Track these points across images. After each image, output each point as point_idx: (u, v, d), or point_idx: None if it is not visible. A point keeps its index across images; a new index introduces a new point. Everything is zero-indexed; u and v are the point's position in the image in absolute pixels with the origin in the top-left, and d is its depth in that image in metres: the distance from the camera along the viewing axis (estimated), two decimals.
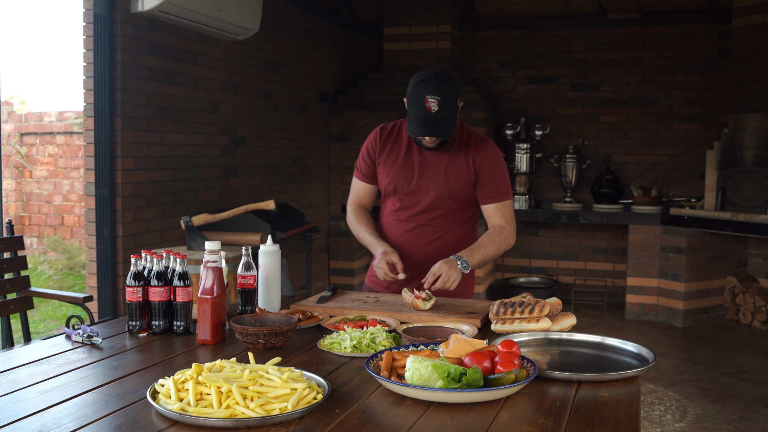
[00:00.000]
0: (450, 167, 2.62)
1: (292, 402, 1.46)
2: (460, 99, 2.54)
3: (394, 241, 2.73)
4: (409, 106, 2.49)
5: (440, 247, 2.67)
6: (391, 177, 2.68)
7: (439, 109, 2.42)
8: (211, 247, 2.05)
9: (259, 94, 5.61)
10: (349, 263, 6.89)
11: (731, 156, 6.00)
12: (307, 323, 2.21)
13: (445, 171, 2.62)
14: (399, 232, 2.73)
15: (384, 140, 2.71)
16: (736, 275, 6.34)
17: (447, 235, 2.70)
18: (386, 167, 2.70)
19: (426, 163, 2.65)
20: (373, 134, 2.75)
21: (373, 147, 2.73)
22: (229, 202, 5.16)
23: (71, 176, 8.15)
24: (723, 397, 4.43)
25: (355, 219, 2.79)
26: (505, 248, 2.66)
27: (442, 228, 2.69)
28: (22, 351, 1.97)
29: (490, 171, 2.63)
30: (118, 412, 1.51)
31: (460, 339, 1.72)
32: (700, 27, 6.85)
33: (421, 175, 2.64)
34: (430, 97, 2.42)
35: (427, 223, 2.69)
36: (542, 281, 7.24)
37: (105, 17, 4.06)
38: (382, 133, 2.73)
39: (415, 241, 2.69)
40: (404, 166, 2.66)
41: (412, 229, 2.70)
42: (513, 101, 7.35)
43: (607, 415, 1.52)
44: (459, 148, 2.64)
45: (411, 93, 2.47)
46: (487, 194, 2.65)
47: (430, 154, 2.65)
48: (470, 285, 2.77)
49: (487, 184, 2.64)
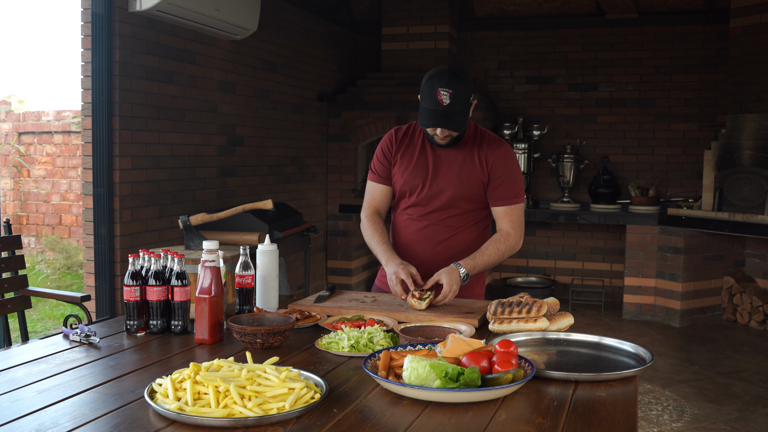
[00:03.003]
0: (464, 168, 2.61)
1: (289, 401, 1.46)
2: (474, 97, 2.54)
3: (404, 239, 2.72)
4: (422, 99, 2.48)
5: (451, 248, 2.65)
6: (406, 177, 2.67)
7: (450, 102, 2.42)
8: (209, 246, 2.05)
9: (257, 94, 5.61)
10: (347, 263, 6.89)
11: (729, 156, 6.01)
12: (304, 323, 2.22)
13: (458, 171, 2.61)
14: (410, 230, 2.71)
15: (399, 141, 2.71)
16: (734, 275, 6.34)
17: (459, 236, 2.67)
18: (401, 168, 2.69)
19: (440, 164, 2.63)
20: (388, 135, 2.74)
21: (389, 147, 2.72)
22: (227, 201, 5.16)
23: (69, 175, 8.14)
24: (720, 397, 4.43)
25: (369, 226, 2.72)
26: (510, 255, 2.64)
27: (454, 228, 2.67)
28: (20, 350, 1.97)
29: (502, 172, 2.61)
30: (115, 411, 1.51)
31: (457, 339, 1.72)
32: (697, 27, 6.86)
33: (435, 175, 2.63)
34: (443, 90, 2.42)
35: (438, 223, 2.67)
36: (540, 281, 7.25)
37: (103, 16, 4.06)
38: (397, 133, 2.73)
39: (425, 240, 2.68)
40: (418, 166, 2.65)
41: (424, 228, 2.68)
42: (511, 101, 7.36)
43: (605, 415, 1.52)
44: (472, 148, 2.62)
45: (424, 87, 2.48)
46: (498, 196, 2.63)
47: (444, 154, 2.64)
48: (480, 287, 2.77)
49: (498, 185, 2.62)
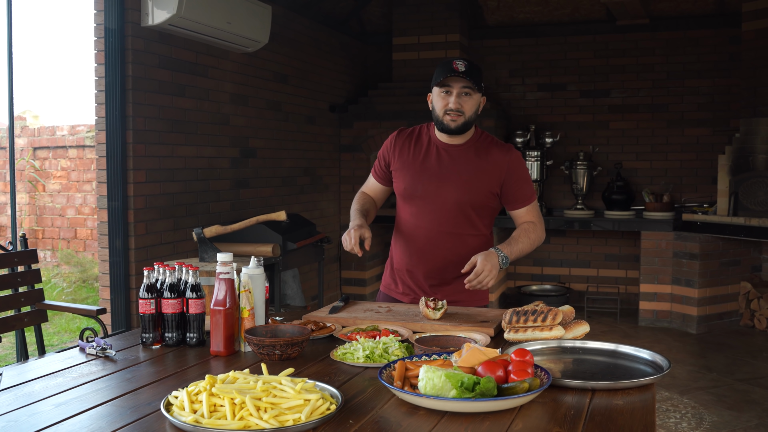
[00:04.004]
0: (471, 171, 2.62)
1: (305, 413, 1.46)
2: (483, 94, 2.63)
3: (410, 247, 2.71)
4: (436, 75, 2.58)
5: (459, 255, 2.63)
6: (409, 181, 2.67)
7: (465, 70, 2.51)
8: (224, 258, 2.06)
9: (269, 106, 5.63)
10: (361, 273, 6.89)
11: (743, 160, 5.97)
12: (319, 334, 2.21)
13: (466, 177, 2.62)
14: (415, 238, 2.70)
15: (402, 143, 2.72)
16: (750, 281, 6.29)
17: (464, 243, 2.66)
18: (403, 170, 2.69)
19: (446, 169, 2.63)
20: (390, 137, 2.77)
21: (389, 150, 2.75)
22: (241, 213, 5.18)
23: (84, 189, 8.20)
24: (739, 403, 4.39)
25: (355, 199, 2.83)
26: (538, 244, 2.69)
27: (460, 235, 2.66)
28: (37, 364, 1.98)
29: (517, 176, 2.65)
30: (132, 424, 1.51)
31: (473, 348, 1.72)
32: (709, 32, 6.83)
33: (441, 180, 2.63)
34: (458, 60, 2.54)
35: (444, 230, 2.65)
36: (555, 289, 7.22)
37: (116, 31, 4.09)
38: (400, 136, 2.75)
39: (433, 248, 2.66)
40: (423, 169, 2.66)
41: (429, 236, 2.67)
42: (522, 109, 7.35)
43: (622, 424, 1.51)
44: (481, 153, 2.63)
45: (438, 67, 2.59)
46: (517, 199, 2.67)
47: (449, 159, 2.64)
48: (484, 293, 2.76)
49: (515, 189, 2.66)
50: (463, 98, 2.55)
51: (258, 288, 2.15)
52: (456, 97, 2.54)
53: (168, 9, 4.12)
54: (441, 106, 2.58)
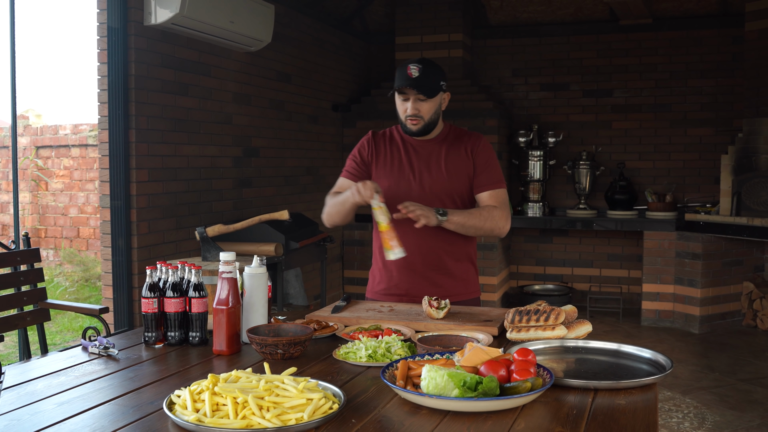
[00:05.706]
0: (449, 162, 2.66)
1: (308, 412, 1.46)
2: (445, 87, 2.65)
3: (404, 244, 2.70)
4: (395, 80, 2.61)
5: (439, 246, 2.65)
6: (392, 180, 2.68)
7: (419, 75, 2.54)
8: (226, 257, 2.06)
9: (272, 105, 5.64)
10: (363, 272, 6.89)
11: (746, 160, 5.96)
12: (322, 333, 2.21)
13: (444, 168, 2.66)
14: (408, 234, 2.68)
15: (377, 145, 2.75)
16: (753, 280, 6.28)
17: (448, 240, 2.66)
18: (384, 170, 2.70)
19: (424, 164, 2.67)
20: (366, 138, 2.79)
21: (368, 152, 2.75)
22: (243, 212, 5.18)
23: (86, 188, 8.21)
24: (741, 403, 4.38)
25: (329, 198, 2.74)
26: (492, 227, 2.62)
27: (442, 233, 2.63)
28: (40, 363, 1.98)
29: (484, 160, 2.68)
30: (134, 423, 1.52)
31: (475, 347, 1.72)
32: (712, 31, 6.82)
33: (422, 175, 2.66)
34: (412, 65, 2.56)
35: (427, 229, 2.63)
36: (557, 289, 7.21)
37: (119, 31, 4.10)
38: (375, 137, 2.78)
39: (427, 239, 2.65)
40: (402, 168, 2.69)
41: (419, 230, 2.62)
42: (525, 109, 7.34)
43: (625, 423, 1.51)
44: (452, 144, 2.69)
45: (396, 71, 2.62)
46: (482, 182, 2.68)
47: (426, 153, 2.68)
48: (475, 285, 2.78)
49: (481, 172, 2.68)
50: (420, 103, 2.59)
51: (260, 287, 2.15)
52: (413, 102, 2.59)
53: (171, 8, 4.12)
54: (401, 111, 2.65)
